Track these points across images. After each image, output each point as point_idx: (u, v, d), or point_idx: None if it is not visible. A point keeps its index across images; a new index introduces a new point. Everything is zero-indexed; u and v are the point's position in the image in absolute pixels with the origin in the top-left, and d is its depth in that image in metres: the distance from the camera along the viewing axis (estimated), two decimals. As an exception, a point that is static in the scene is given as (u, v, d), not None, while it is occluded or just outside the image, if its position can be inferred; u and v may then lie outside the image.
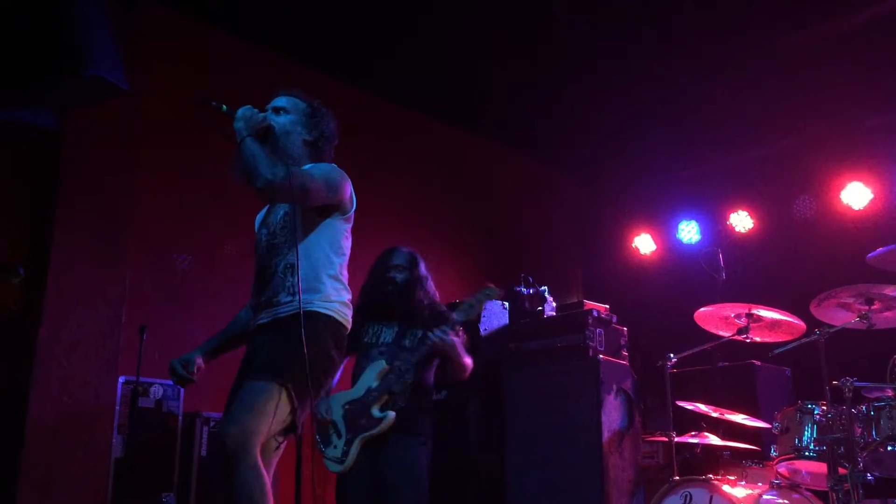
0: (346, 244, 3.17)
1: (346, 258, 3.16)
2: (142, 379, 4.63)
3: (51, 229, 4.88)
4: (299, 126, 3.18)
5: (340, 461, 3.93)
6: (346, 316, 3.08)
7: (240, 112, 3.01)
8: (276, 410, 2.79)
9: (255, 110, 3.05)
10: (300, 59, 6.18)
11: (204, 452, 4.73)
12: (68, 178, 4.99)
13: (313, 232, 3.06)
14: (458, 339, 4.06)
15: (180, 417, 4.81)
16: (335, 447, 3.96)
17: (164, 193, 5.41)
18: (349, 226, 3.19)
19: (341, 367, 4.11)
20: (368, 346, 4.18)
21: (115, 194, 5.14)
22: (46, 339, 4.71)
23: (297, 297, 2.91)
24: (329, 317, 3.01)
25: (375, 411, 3.93)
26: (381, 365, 4.01)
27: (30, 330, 4.73)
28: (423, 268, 4.36)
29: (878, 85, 6.21)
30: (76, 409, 4.69)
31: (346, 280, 3.13)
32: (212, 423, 4.80)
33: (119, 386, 4.70)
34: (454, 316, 4.07)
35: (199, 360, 3.29)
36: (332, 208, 3.09)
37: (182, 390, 4.85)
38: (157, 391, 4.77)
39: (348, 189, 3.13)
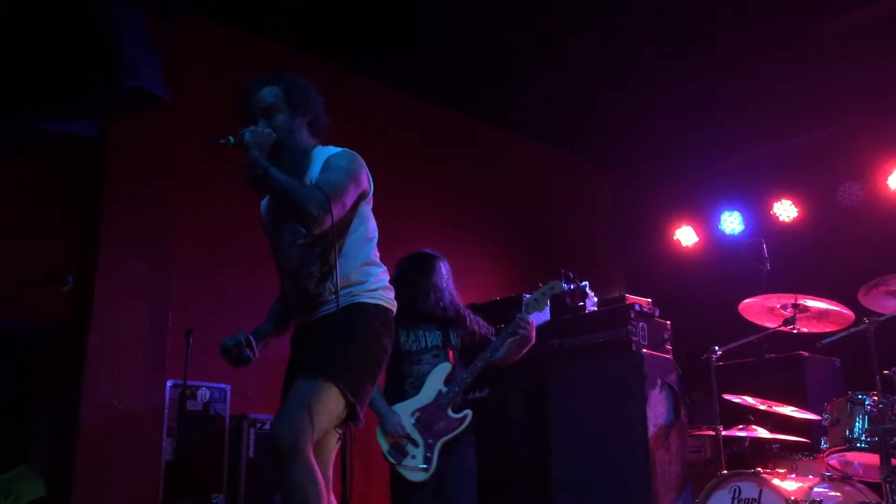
0: (373, 224, 3.14)
1: (376, 236, 3.14)
2: (189, 382, 4.70)
3: (97, 238, 4.98)
4: (294, 117, 3.12)
5: (424, 469, 3.96)
6: (390, 299, 3.05)
7: (247, 138, 2.94)
8: (327, 408, 2.79)
9: (258, 128, 2.99)
10: (335, 60, 6.22)
11: (252, 454, 4.79)
12: (112, 186, 5.08)
13: (342, 224, 3.01)
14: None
15: (227, 420, 4.87)
16: (413, 457, 3.99)
17: (207, 199, 5.48)
18: (371, 204, 3.15)
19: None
20: (413, 352, 4.17)
21: (158, 201, 5.22)
22: (95, 345, 4.80)
23: (337, 293, 2.88)
24: (377, 305, 2.98)
25: (451, 413, 3.98)
26: (447, 368, 4.04)
27: (79, 336, 4.83)
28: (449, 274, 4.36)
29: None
30: (126, 413, 4.78)
31: (378, 258, 3.11)
32: (258, 425, 4.86)
33: (167, 390, 4.78)
34: (522, 311, 4.11)
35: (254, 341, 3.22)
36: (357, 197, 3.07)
37: (229, 393, 4.92)
38: (204, 394, 4.84)
39: (365, 171, 3.08)
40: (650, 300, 5.26)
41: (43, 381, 5.28)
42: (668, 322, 5.17)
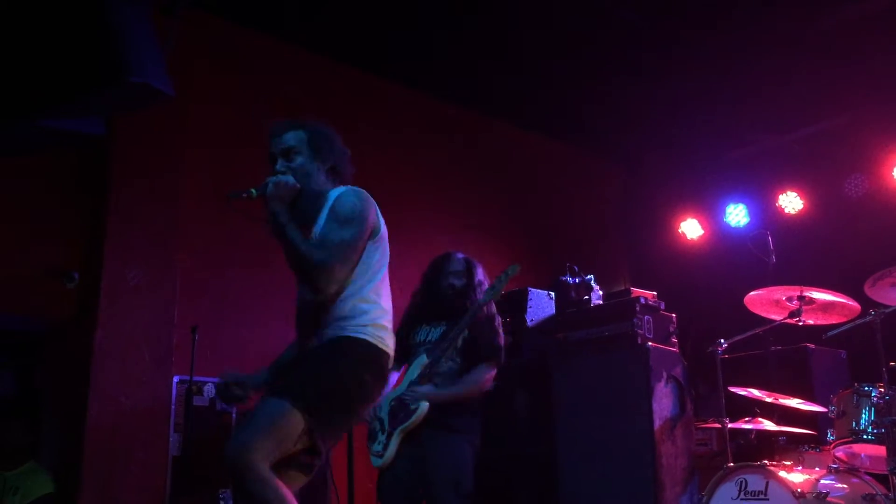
0: (379, 261, 3.12)
1: (381, 273, 3.12)
2: (195, 378, 4.72)
3: (103, 234, 4.99)
4: (313, 160, 3.12)
5: (380, 455, 4.00)
6: (381, 339, 3.00)
7: (270, 189, 2.96)
8: (284, 429, 2.73)
9: (282, 179, 2.99)
10: (341, 57, 6.22)
11: (258, 449, 4.79)
12: (118, 183, 5.10)
13: None
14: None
15: (234, 415, 4.89)
16: (379, 442, 4.02)
17: (212, 195, 5.48)
18: (381, 243, 3.13)
19: (387, 387, 4.18)
20: (417, 345, 4.23)
21: (164, 198, 5.24)
22: (102, 342, 4.82)
23: (328, 329, 2.91)
24: (362, 341, 2.94)
25: (413, 403, 3.96)
26: (423, 360, 4.04)
27: (86, 333, 4.85)
28: (479, 273, 4.37)
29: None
30: (133, 409, 4.80)
31: (382, 297, 3.09)
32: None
33: (174, 385, 4.80)
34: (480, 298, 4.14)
35: (252, 387, 3.21)
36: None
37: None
38: (210, 390, 4.86)
39: (373, 213, 3.06)
40: (655, 293, 5.25)
41: (50, 378, 5.30)
42: (674, 315, 5.17)
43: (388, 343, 3.03)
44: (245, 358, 5.31)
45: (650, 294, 5.19)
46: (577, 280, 5.51)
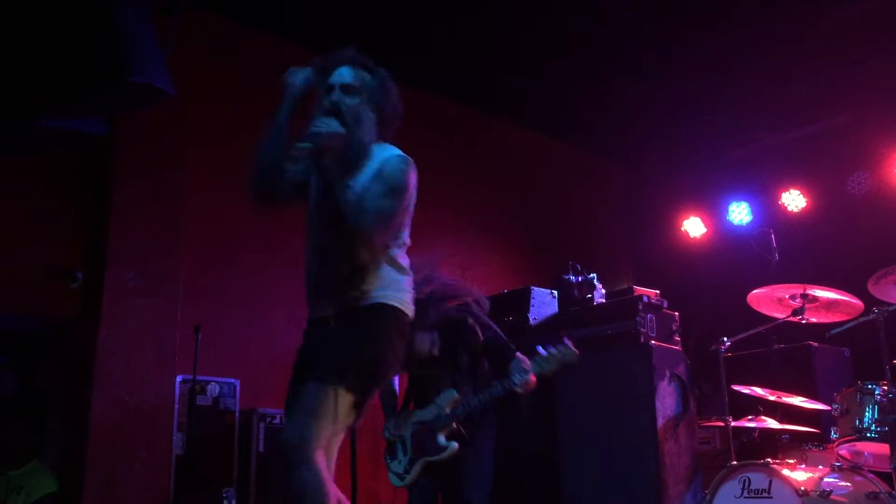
0: (406, 229, 3.09)
1: (407, 241, 3.09)
2: (198, 377, 4.72)
3: (106, 234, 5.00)
4: (368, 107, 3.05)
5: (401, 478, 4.01)
6: (410, 307, 2.98)
7: (323, 138, 2.83)
8: (337, 413, 2.75)
9: (333, 129, 2.87)
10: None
11: (261, 448, 4.80)
12: (121, 182, 5.10)
13: None
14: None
15: (237, 414, 4.89)
16: (399, 462, 4.03)
17: (215, 194, 5.49)
18: (410, 212, 3.09)
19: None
20: (422, 361, 4.10)
21: (167, 197, 5.24)
22: (105, 341, 4.83)
23: (363, 291, 2.83)
24: (399, 310, 2.91)
25: (441, 439, 3.95)
26: (453, 394, 3.98)
27: (89, 332, 4.85)
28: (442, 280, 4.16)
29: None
30: (137, 408, 4.80)
31: (407, 265, 3.05)
32: (268, 419, 4.87)
33: (177, 385, 4.80)
34: (529, 365, 3.95)
35: None
36: None
37: (238, 388, 4.94)
38: (213, 389, 4.86)
39: (415, 181, 3.03)
40: (658, 292, 5.25)
41: (53, 377, 5.31)
42: (677, 313, 5.16)
43: (412, 309, 3.02)
44: (248, 357, 5.33)
45: (653, 293, 5.19)
46: (579, 279, 5.50)
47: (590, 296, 5.43)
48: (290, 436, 2.76)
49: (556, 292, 5.57)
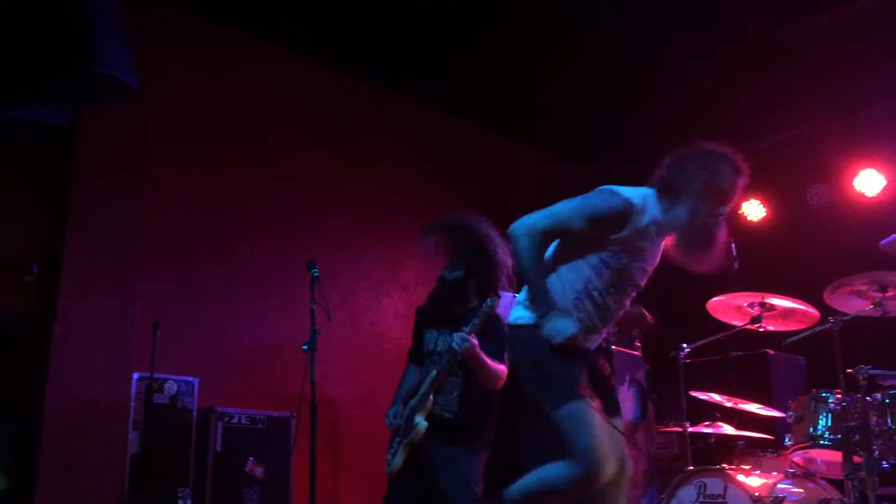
0: None
1: None
2: (156, 375, 4.65)
3: (64, 227, 4.91)
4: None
5: (389, 462, 3.99)
6: None
7: None
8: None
9: None
10: (310, 55, 6.18)
11: (219, 447, 4.75)
12: (81, 176, 5.01)
13: None
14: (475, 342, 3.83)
15: (195, 413, 4.83)
16: (392, 451, 4.01)
17: (177, 191, 5.43)
18: None
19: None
20: (428, 354, 4.11)
21: (128, 192, 5.16)
22: (61, 337, 4.74)
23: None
24: None
25: (417, 418, 3.93)
26: (433, 374, 3.96)
27: (45, 327, 4.76)
28: (491, 249, 4.09)
29: (889, 69, 6.15)
30: (92, 406, 4.72)
31: None
32: (226, 419, 4.82)
33: (133, 382, 4.73)
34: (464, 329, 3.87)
35: None
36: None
37: (196, 386, 4.88)
38: (171, 387, 4.80)
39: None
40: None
41: (6, 372, 5.19)
42: (639, 318, 5.21)
43: None
44: (207, 356, 5.27)
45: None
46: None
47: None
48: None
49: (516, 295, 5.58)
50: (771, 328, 4.75)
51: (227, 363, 5.38)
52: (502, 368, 3.96)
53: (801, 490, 4.22)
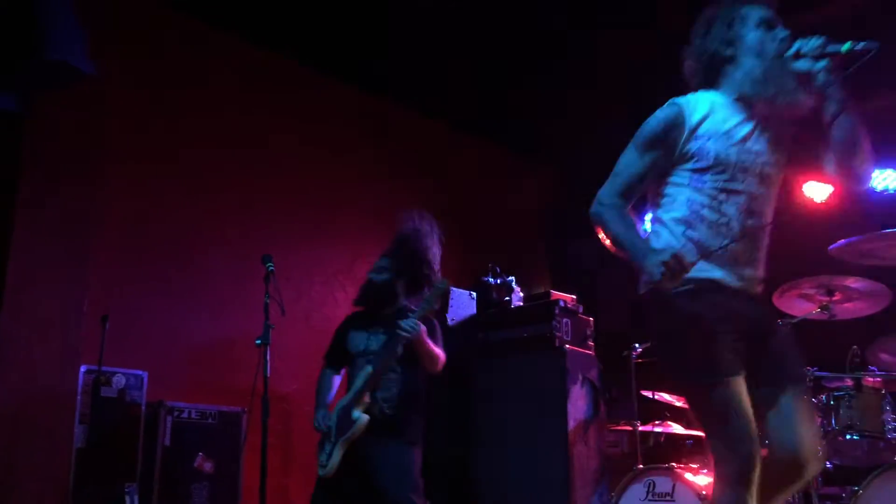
0: None
1: None
2: (104, 368, 4.58)
3: (12, 215, 4.79)
4: None
5: (324, 465, 3.98)
6: None
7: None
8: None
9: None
10: (263, 44, 6.12)
11: (167, 442, 4.68)
12: (31, 163, 4.90)
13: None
14: (423, 328, 3.98)
15: (143, 407, 4.76)
16: (325, 452, 4.00)
17: (130, 182, 5.33)
18: None
19: (330, 395, 4.28)
20: (359, 354, 4.16)
21: (79, 181, 5.05)
22: (7, 328, 4.62)
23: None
24: None
25: (355, 413, 3.93)
26: (368, 370, 3.99)
27: (-10, 318, 4.65)
28: (421, 246, 4.20)
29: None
30: (37, 398, 4.62)
31: None
32: (175, 413, 4.76)
33: (81, 375, 4.64)
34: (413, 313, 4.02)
35: None
36: None
37: (146, 380, 4.81)
38: (119, 381, 4.72)
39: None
40: (575, 297, 5.33)
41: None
42: (592, 318, 5.25)
43: None
44: (157, 349, 5.19)
45: (570, 297, 5.27)
46: (498, 281, 5.55)
47: (507, 298, 5.48)
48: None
49: (475, 294, 5.61)
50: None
51: (179, 357, 5.30)
52: (442, 352, 4.08)
53: (747, 489, 4.29)
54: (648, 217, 2.92)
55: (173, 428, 4.74)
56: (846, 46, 2.51)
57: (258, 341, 4.02)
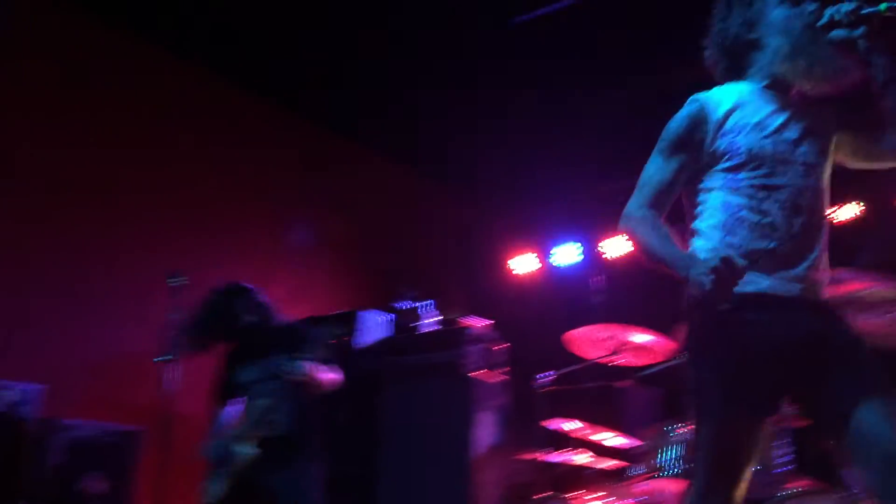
0: None
1: None
2: (-6, 382, 4.37)
3: None
4: None
5: (211, 497, 3.89)
6: None
7: None
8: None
9: None
10: (179, 55, 6.00)
11: (58, 461, 4.48)
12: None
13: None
14: (308, 364, 3.93)
15: (34, 424, 4.55)
16: (213, 482, 3.90)
17: (26, 188, 5.13)
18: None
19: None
20: (246, 385, 4.07)
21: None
22: None
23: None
24: None
25: (237, 448, 3.86)
26: (259, 404, 3.92)
27: None
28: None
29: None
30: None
31: None
32: (69, 431, 4.56)
33: (-33, 389, 4.42)
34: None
35: None
36: None
37: (39, 395, 4.60)
38: (10, 395, 4.52)
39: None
40: (490, 323, 5.33)
41: None
42: (503, 346, 5.26)
43: None
44: (57, 362, 4.98)
45: (484, 323, 5.27)
46: (406, 305, 5.53)
47: (417, 324, 5.45)
48: None
49: (387, 317, 5.56)
50: (628, 361, 4.88)
51: (79, 372, 5.10)
52: (334, 375, 4.02)
53: (647, 520, 4.34)
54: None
55: (67, 446, 4.54)
56: (884, 6, 2.23)
57: (160, 358, 3.91)
